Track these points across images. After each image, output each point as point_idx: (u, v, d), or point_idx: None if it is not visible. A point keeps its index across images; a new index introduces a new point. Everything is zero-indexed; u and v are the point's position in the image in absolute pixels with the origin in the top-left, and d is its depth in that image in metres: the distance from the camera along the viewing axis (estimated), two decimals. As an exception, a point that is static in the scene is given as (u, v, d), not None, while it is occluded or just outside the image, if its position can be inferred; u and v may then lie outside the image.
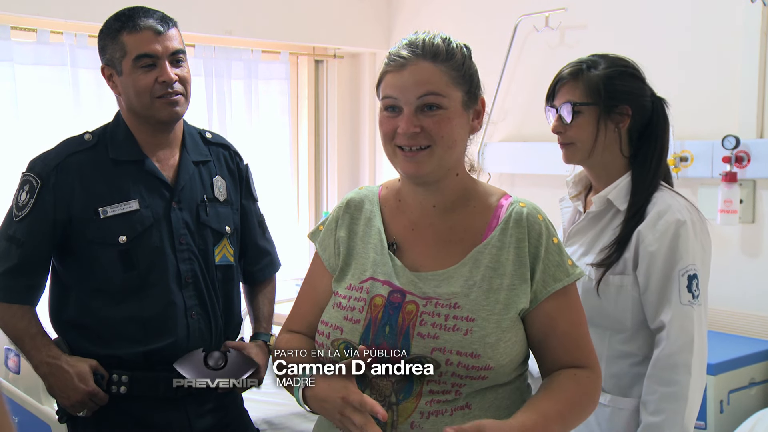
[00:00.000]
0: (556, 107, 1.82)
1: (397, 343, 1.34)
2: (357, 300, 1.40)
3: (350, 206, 1.51)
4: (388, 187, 1.53)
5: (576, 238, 1.91)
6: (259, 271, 2.11)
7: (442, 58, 1.37)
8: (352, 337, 1.37)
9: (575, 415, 1.39)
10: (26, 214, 1.83)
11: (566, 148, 1.83)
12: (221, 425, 1.96)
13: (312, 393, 1.33)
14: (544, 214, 1.44)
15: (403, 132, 1.36)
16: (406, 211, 1.47)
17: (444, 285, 1.37)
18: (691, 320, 1.72)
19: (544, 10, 3.66)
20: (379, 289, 1.40)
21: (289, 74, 4.40)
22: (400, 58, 1.37)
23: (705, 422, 2.63)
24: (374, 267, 1.42)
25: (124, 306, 1.85)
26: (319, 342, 1.43)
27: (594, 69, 1.80)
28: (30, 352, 1.85)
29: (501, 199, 1.45)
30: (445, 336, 1.32)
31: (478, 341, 1.32)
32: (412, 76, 1.36)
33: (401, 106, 1.37)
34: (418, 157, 1.37)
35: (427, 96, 1.35)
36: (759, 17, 2.98)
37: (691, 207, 1.79)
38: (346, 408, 1.27)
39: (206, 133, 2.04)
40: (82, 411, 1.83)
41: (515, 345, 1.36)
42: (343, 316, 1.40)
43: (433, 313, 1.34)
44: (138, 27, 1.82)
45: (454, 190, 1.44)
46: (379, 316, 1.37)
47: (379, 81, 1.42)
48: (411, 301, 1.37)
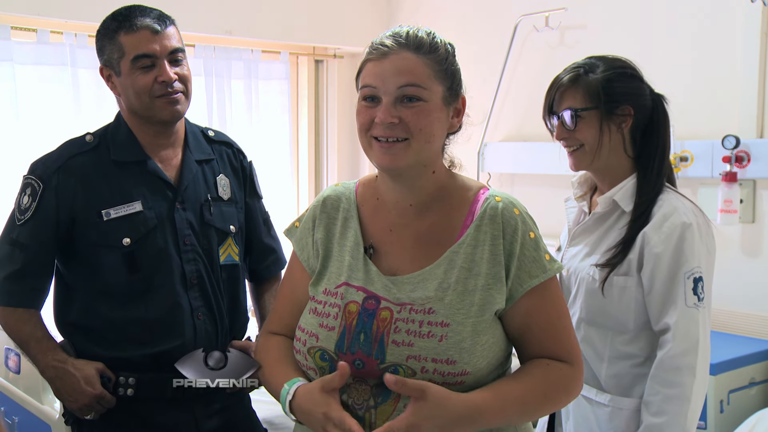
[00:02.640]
0: (557, 114, 1.82)
1: (372, 351, 1.31)
2: (332, 306, 1.38)
3: (327, 205, 1.48)
4: (365, 184, 1.50)
5: (581, 238, 1.91)
6: (265, 269, 2.10)
7: (426, 50, 1.35)
8: (327, 345, 1.35)
9: (539, 402, 1.37)
10: (29, 217, 1.82)
11: (573, 154, 1.83)
12: (228, 426, 1.95)
13: (296, 405, 1.34)
14: (522, 208, 1.40)
15: (381, 122, 1.32)
16: (383, 212, 1.44)
17: (419, 289, 1.34)
18: (696, 323, 1.72)
19: (544, 10, 3.66)
20: (353, 295, 1.37)
21: (289, 74, 4.40)
22: (383, 47, 1.34)
23: (705, 422, 2.63)
24: (349, 272, 1.40)
25: (130, 308, 1.83)
26: (296, 348, 1.42)
27: (592, 73, 1.80)
28: (36, 356, 1.83)
29: (478, 193, 1.41)
30: (420, 343, 1.30)
31: (453, 347, 1.29)
32: (393, 65, 1.33)
33: (380, 96, 1.33)
34: (394, 148, 1.33)
35: (408, 87, 1.32)
36: (759, 17, 2.98)
37: (696, 210, 1.80)
38: (327, 424, 1.27)
39: (209, 132, 2.03)
40: (90, 414, 1.82)
41: (492, 347, 1.34)
42: (318, 322, 1.38)
43: (407, 319, 1.32)
44: (135, 26, 1.80)
45: (431, 188, 1.41)
46: (354, 323, 1.34)
47: (359, 70, 1.39)
48: (385, 307, 1.34)
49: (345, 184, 1.52)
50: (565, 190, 2.04)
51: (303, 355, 1.39)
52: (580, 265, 1.87)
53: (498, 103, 3.90)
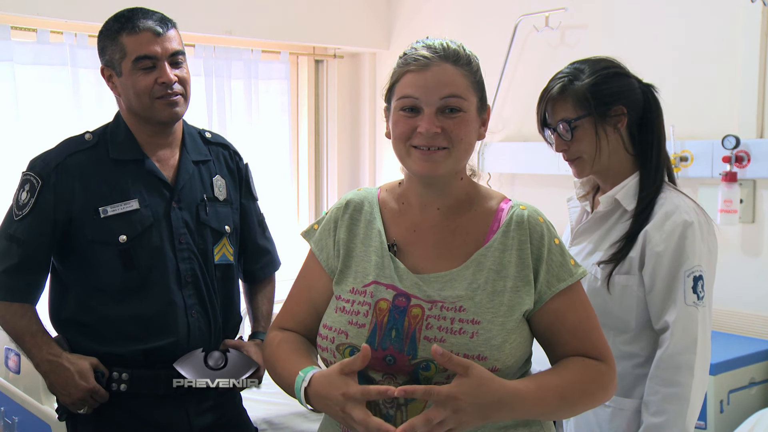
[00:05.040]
0: (552, 127, 1.82)
1: (404, 347, 1.34)
2: (361, 304, 1.40)
3: (350, 207, 1.51)
4: (387, 189, 1.53)
5: (583, 237, 1.91)
6: (259, 270, 2.12)
7: (463, 62, 1.39)
8: (358, 342, 1.36)
9: (578, 396, 1.38)
10: (27, 213, 1.84)
11: (574, 164, 1.84)
12: (220, 423, 1.97)
13: (313, 391, 1.33)
14: (545, 216, 1.44)
15: (425, 131, 1.35)
16: (407, 213, 1.47)
17: (447, 288, 1.37)
18: (695, 321, 1.72)
19: (544, 10, 3.66)
20: (383, 293, 1.40)
21: (289, 74, 4.41)
22: (423, 58, 1.37)
23: (705, 422, 2.63)
24: (377, 270, 1.42)
25: (125, 305, 1.85)
26: (322, 346, 1.42)
27: (577, 80, 1.80)
28: (31, 350, 1.85)
29: (501, 203, 1.45)
30: (452, 339, 1.32)
31: (484, 344, 1.32)
32: (435, 77, 1.36)
33: (421, 107, 1.36)
34: (434, 156, 1.37)
35: (451, 98, 1.36)
36: (759, 17, 2.98)
37: (698, 208, 1.80)
38: (347, 404, 1.26)
39: (206, 133, 2.05)
40: (83, 408, 1.84)
41: (520, 345, 1.37)
42: (347, 320, 1.39)
43: (439, 316, 1.34)
44: (137, 28, 1.82)
45: (458, 194, 1.45)
46: (385, 320, 1.37)
47: (395, 81, 1.41)
48: (416, 304, 1.37)
49: (367, 189, 1.55)
50: (565, 190, 2.04)
51: (331, 352, 1.40)
52: (582, 264, 1.87)
53: (498, 103, 3.90)
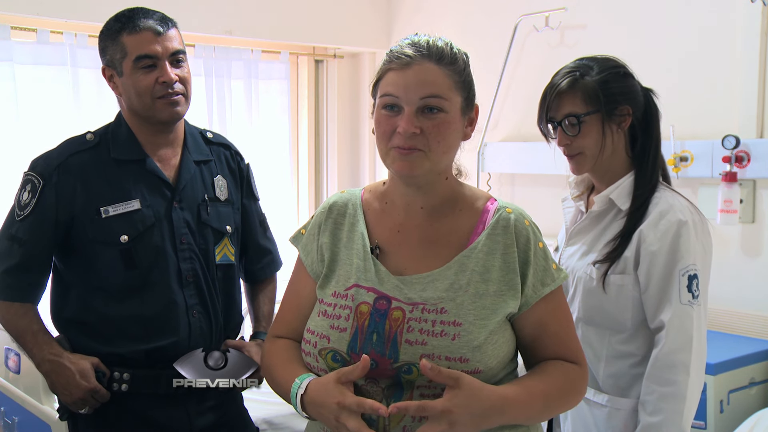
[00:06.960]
0: (556, 120, 1.82)
1: (385, 351, 1.32)
2: (342, 308, 1.39)
3: (333, 211, 1.50)
4: (370, 190, 1.52)
5: (578, 237, 1.91)
6: (260, 270, 2.12)
7: (447, 61, 1.36)
8: (340, 346, 1.36)
9: (559, 399, 1.40)
10: (28, 213, 1.84)
11: (574, 159, 1.83)
12: (221, 423, 1.97)
13: (309, 399, 1.33)
14: (530, 218, 1.43)
15: (403, 131, 1.33)
16: (391, 213, 1.46)
17: (429, 289, 1.36)
18: (690, 320, 1.72)
19: (544, 10, 3.67)
20: (364, 296, 1.38)
21: (289, 74, 4.41)
22: (405, 57, 1.35)
23: (705, 422, 2.63)
24: (358, 273, 1.41)
25: (126, 304, 1.85)
26: (305, 350, 1.42)
27: (587, 76, 1.79)
28: (32, 350, 1.85)
29: (486, 203, 1.44)
30: (433, 342, 1.31)
31: (465, 345, 1.31)
32: (416, 76, 1.34)
33: (402, 105, 1.35)
34: (412, 156, 1.35)
35: (430, 98, 1.34)
36: (759, 17, 2.98)
37: (692, 207, 1.80)
38: (342, 413, 1.27)
39: (207, 133, 2.05)
40: (84, 408, 1.84)
41: (503, 346, 1.36)
42: (329, 324, 1.39)
43: (420, 318, 1.33)
44: (138, 28, 1.83)
45: (443, 193, 1.43)
46: (366, 324, 1.35)
47: (378, 78, 1.40)
48: (397, 307, 1.36)
49: (350, 191, 1.54)
50: (565, 190, 2.04)
51: (314, 357, 1.39)
52: (577, 264, 1.87)
53: (498, 103, 3.90)
